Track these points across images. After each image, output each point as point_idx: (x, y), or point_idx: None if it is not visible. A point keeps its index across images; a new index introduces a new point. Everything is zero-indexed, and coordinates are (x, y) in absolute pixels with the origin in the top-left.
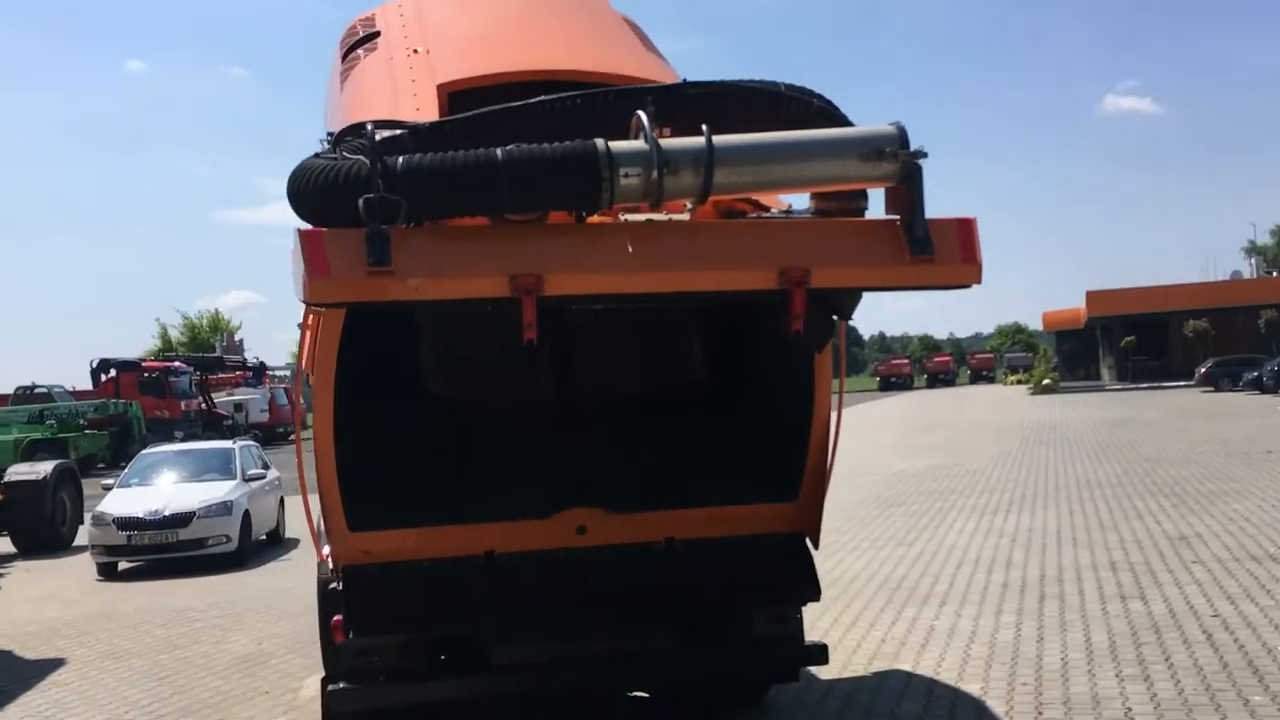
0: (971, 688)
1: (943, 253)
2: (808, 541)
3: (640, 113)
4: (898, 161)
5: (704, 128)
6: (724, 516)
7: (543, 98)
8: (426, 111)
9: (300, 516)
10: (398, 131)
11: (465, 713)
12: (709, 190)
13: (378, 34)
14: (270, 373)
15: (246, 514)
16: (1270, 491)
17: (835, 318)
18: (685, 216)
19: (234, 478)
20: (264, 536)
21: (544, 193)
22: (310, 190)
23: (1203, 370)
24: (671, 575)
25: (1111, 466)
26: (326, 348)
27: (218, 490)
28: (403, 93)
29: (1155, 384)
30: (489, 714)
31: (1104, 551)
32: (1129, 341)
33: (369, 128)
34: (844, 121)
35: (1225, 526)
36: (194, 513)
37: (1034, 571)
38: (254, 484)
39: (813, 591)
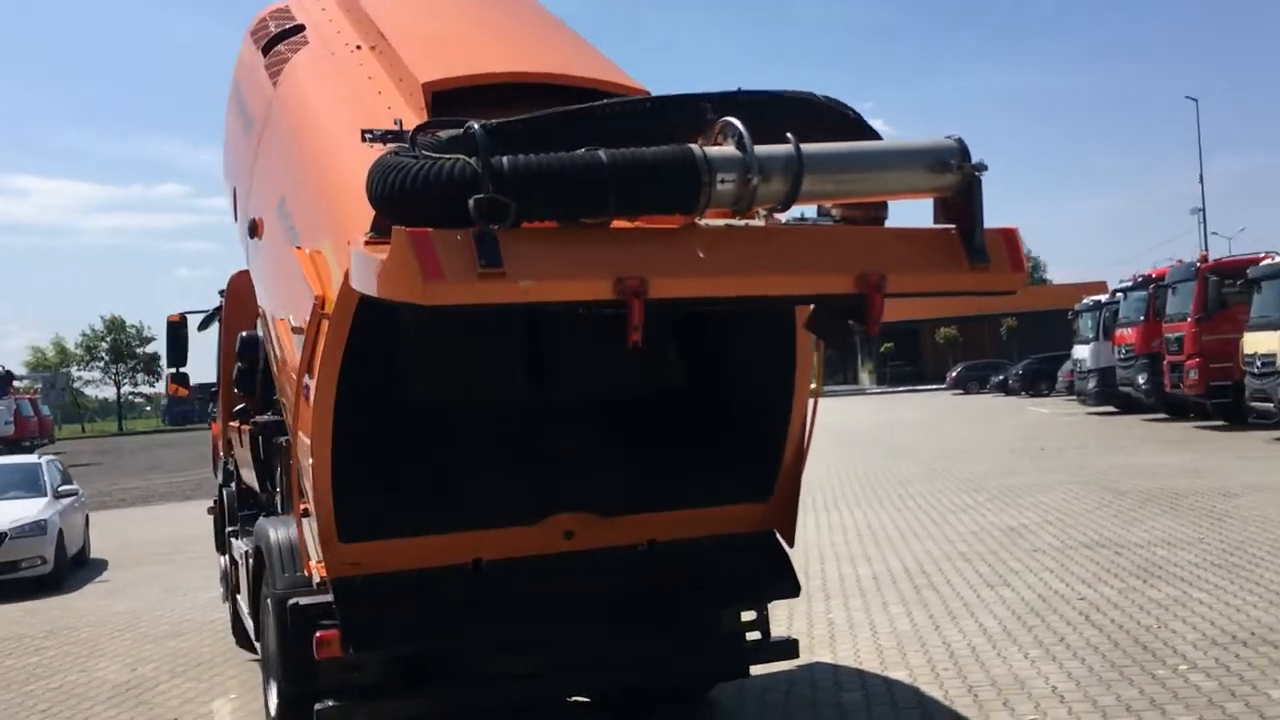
0: (899, 675)
1: (996, 261)
2: (780, 539)
3: (734, 120)
4: (960, 173)
5: (789, 136)
6: (703, 518)
7: (606, 102)
8: (401, 111)
9: (108, 534)
10: (457, 132)
11: None
12: (794, 198)
13: (301, 27)
14: (16, 383)
15: (60, 533)
16: (1065, 486)
17: (851, 322)
18: (760, 223)
19: (44, 494)
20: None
21: (647, 196)
22: (406, 190)
23: (953, 374)
24: (654, 578)
25: (912, 466)
26: (331, 354)
27: (29, 509)
28: (364, 91)
29: (911, 387)
30: None
31: (948, 544)
32: (887, 348)
33: (475, 128)
34: (873, 133)
35: (1044, 518)
36: (4, 533)
37: (895, 564)
38: (64, 501)
39: (792, 588)
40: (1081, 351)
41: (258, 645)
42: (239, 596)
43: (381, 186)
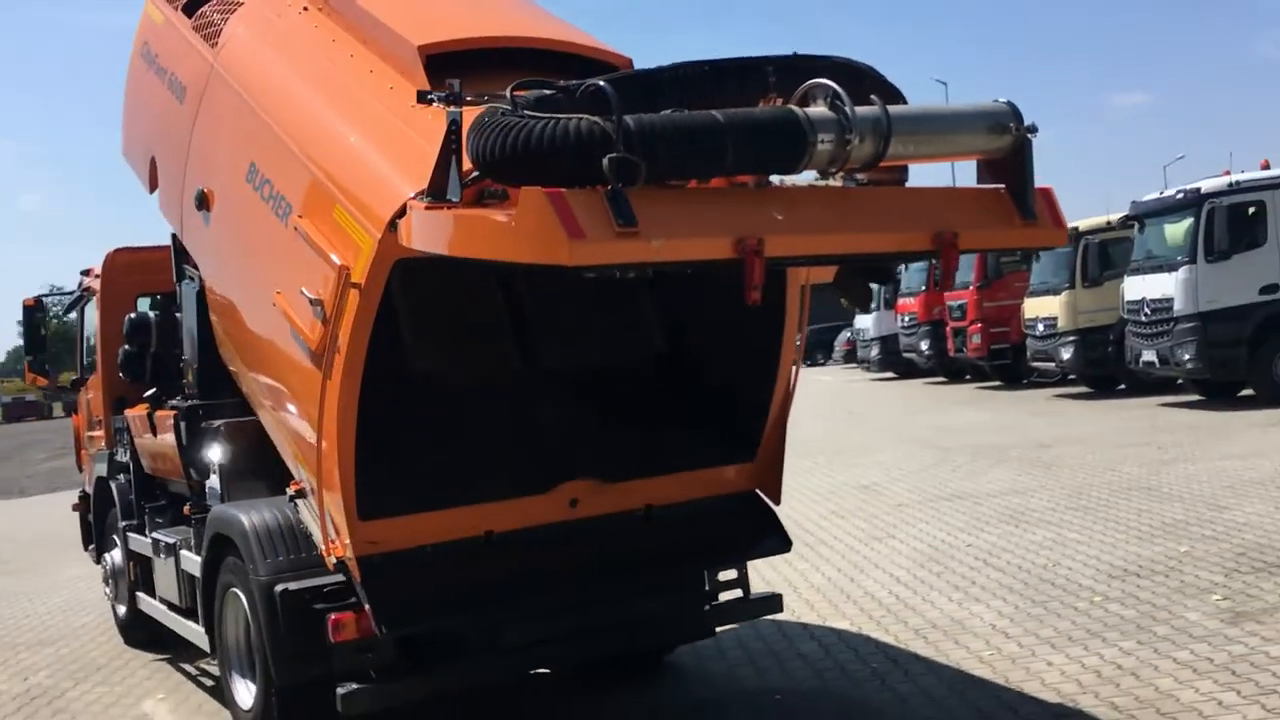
0: (841, 625)
1: (1043, 218)
2: (765, 498)
3: (829, 82)
4: (1015, 135)
5: (874, 99)
6: (694, 480)
7: (674, 64)
8: (385, 73)
9: None
10: (547, 92)
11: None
12: (880, 158)
13: None
14: None
15: None
16: (893, 445)
17: (872, 284)
18: (838, 184)
19: None
20: None
21: (759, 156)
22: (532, 149)
23: None
24: (654, 542)
25: None
26: (361, 324)
27: None
28: (334, 53)
29: None
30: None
31: (815, 503)
32: None
33: (605, 86)
34: (904, 98)
35: (889, 475)
36: None
37: None
38: None
39: (783, 543)
40: (864, 321)
41: (195, 638)
42: (141, 594)
43: (501, 146)
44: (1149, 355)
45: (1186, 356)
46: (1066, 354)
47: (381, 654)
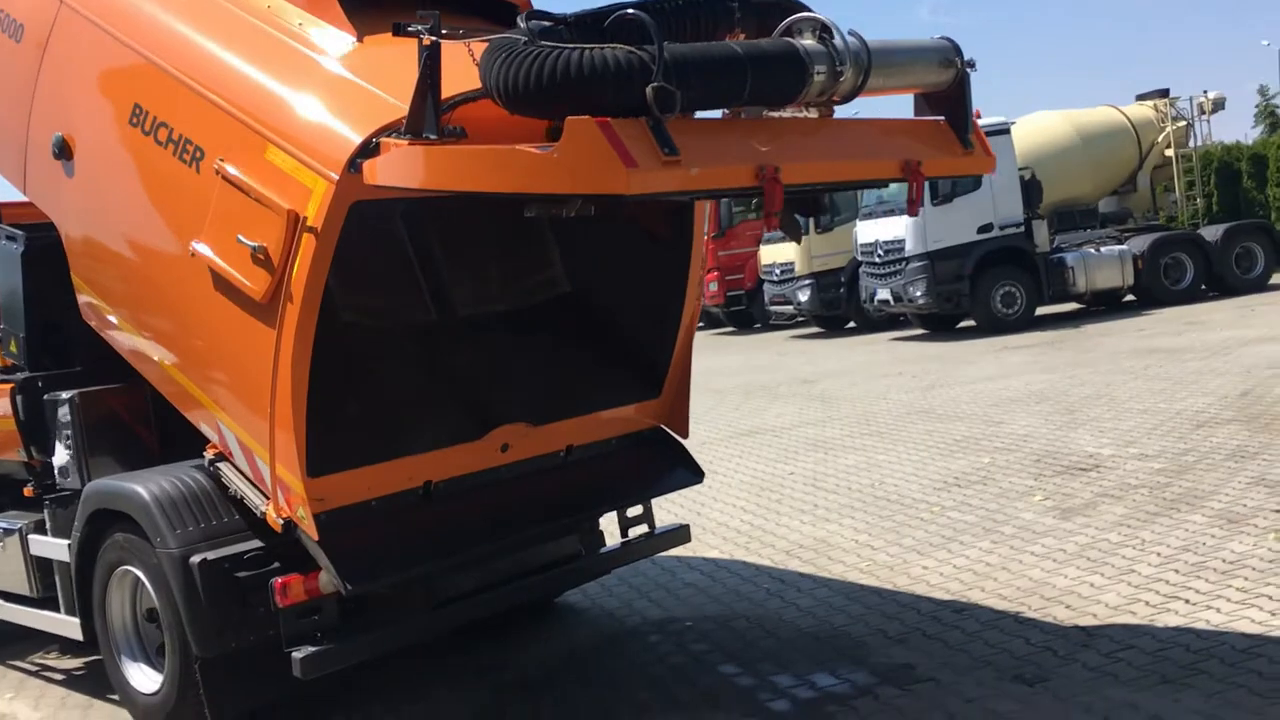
0: (711, 554)
1: (976, 148)
2: (673, 433)
3: (818, 15)
4: (957, 69)
5: (855, 31)
6: (607, 419)
7: None
8: (281, 7)
9: None
10: (547, 23)
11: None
12: (860, 90)
13: None
14: None
15: None
16: None
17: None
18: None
19: None
20: None
21: (769, 87)
22: (571, 79)
23: None
24: (575, 481)
25: None
26: (316, 273)
27: None
28: None
29: None
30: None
31: None
32: None
33: (644, 15)
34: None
35: None
36: None
37: None
38: None
39: (695, 475)
40: None
41: (55, 628)
42: None
43: (536, 76)
44: (883, 294)
45: (918, 293)
46: (803, 296)
47: (327, 616)
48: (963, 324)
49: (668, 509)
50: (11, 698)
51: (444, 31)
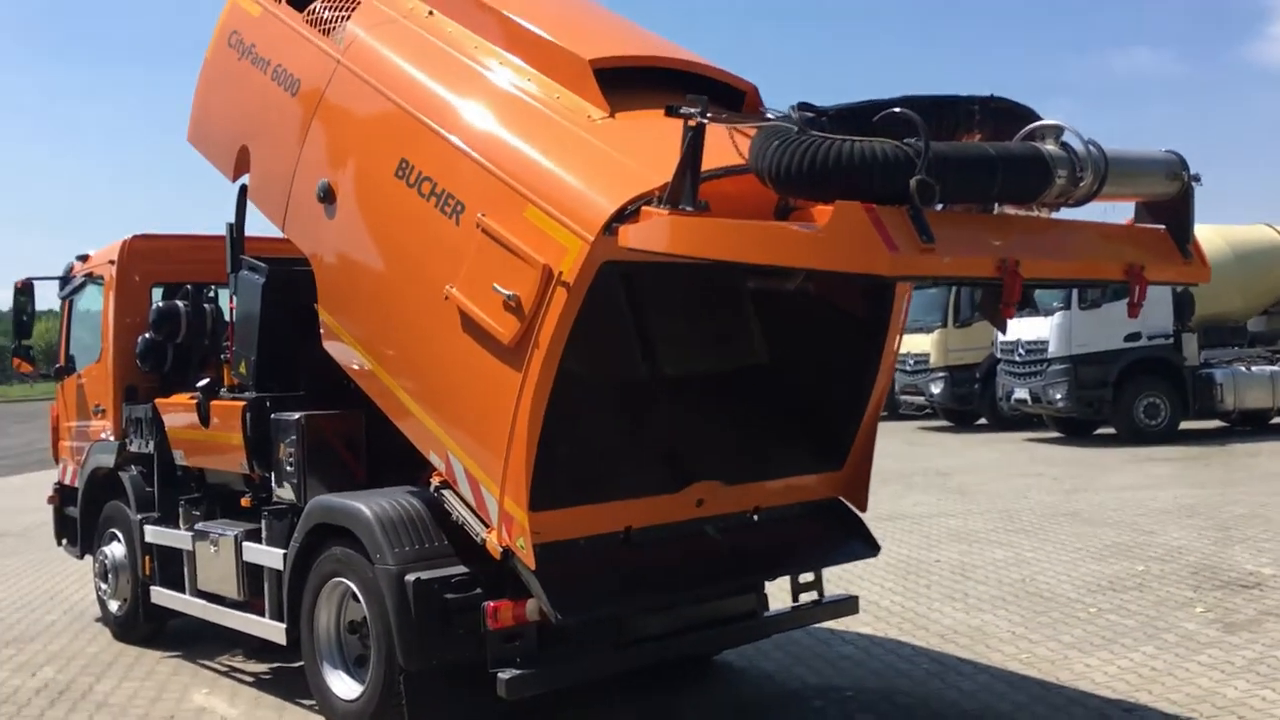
0: (864, 630)
1: (1195, 257)
2: (851, 505)
3: (1062, 123)
4: (1183, 182)
5: (1093, 140)
6: (794, 485)
7: (904, 97)
8: (544, 84)
9: None
10: (810, 114)
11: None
12: (1095, 195)
13: None
14: None
15: None
16: None
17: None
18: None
19: None
20: None
21: (1016, 187)
22: (841, 167)
23: None
24: (761, 542)
25: None
26: (563, 324)
27: None
28: (479, 58)
29: None
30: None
31: None
32: None
33: (914, 115)
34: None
35: None
36: None
37: None
38: None
39: (870, 548)
40: None
41: (258, 631)
42: (159, 589)
43: (809, 162)
44: (1021, 393)
45: (1058, 395)
46: (936, 389)
47: (528, 643)
48: (1100, 431)
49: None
50: (207, 693)
51: (710, 116)
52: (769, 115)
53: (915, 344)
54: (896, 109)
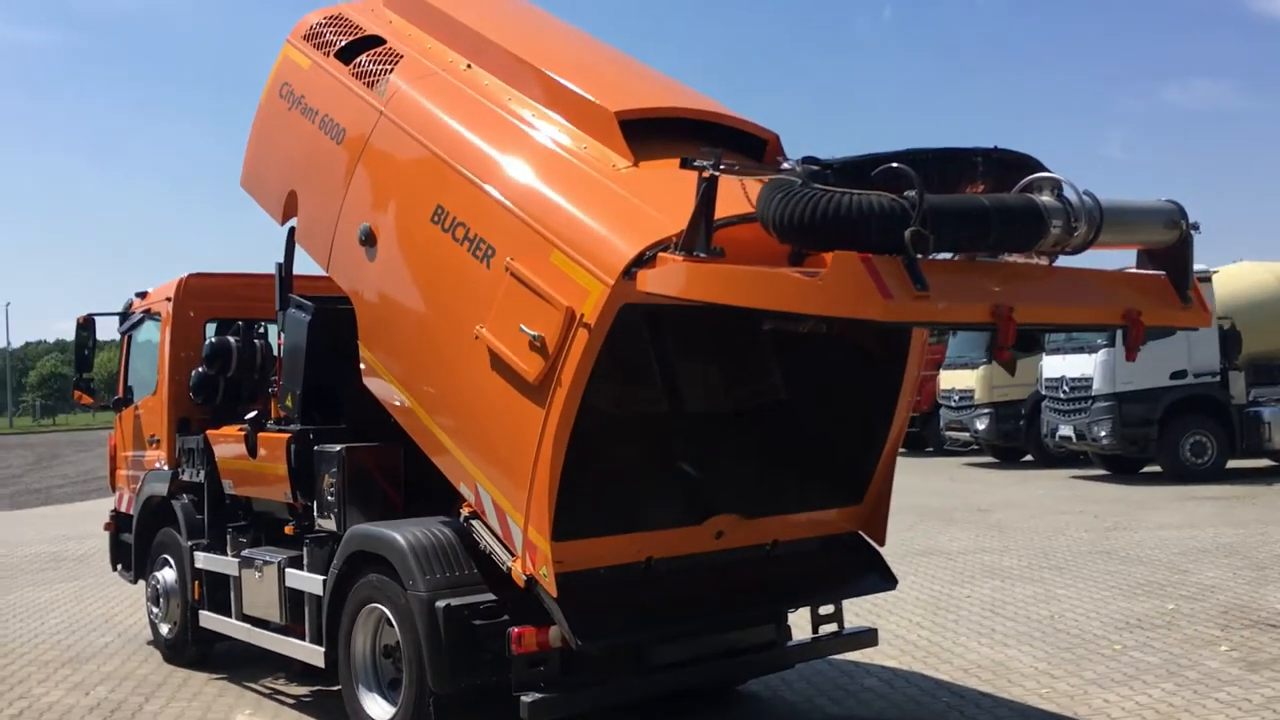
0: (888, 663)
1: (1194, 303)
2: (869, 539)
3: (1056, 175)
4: (1181, 230)
5: (1089, 191)
6: (812, 520)
7: (909, 150)
8: (574, 135)
9: None
10: (815, 167)
11: None
12: (1090, 244)
13: (379, 39)
14: None
15: None
16: None
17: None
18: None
19: None
20: None
21: (1011, 237)
22: (840, 218)
23: None
24: (777, 574)
25: None
26: (585, 363)
27: None
28: (512, 109)
29: None
30: None
31: None
32: None
33: (909, 169)
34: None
35: None
36: None
37: None
38: None
39: (888, 581)
40: None
41: (298, 654)
42: (206, 612)
43: (811, 213)
44: (1065, 430)
45: (1103, 433)
46: (981, 425)
47: (550, 668)
48: (1147, 469)
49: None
50: (250, 714)
51: (723, 168)
52: (784, 164)
53: (960, 380)
54: (894, 164)
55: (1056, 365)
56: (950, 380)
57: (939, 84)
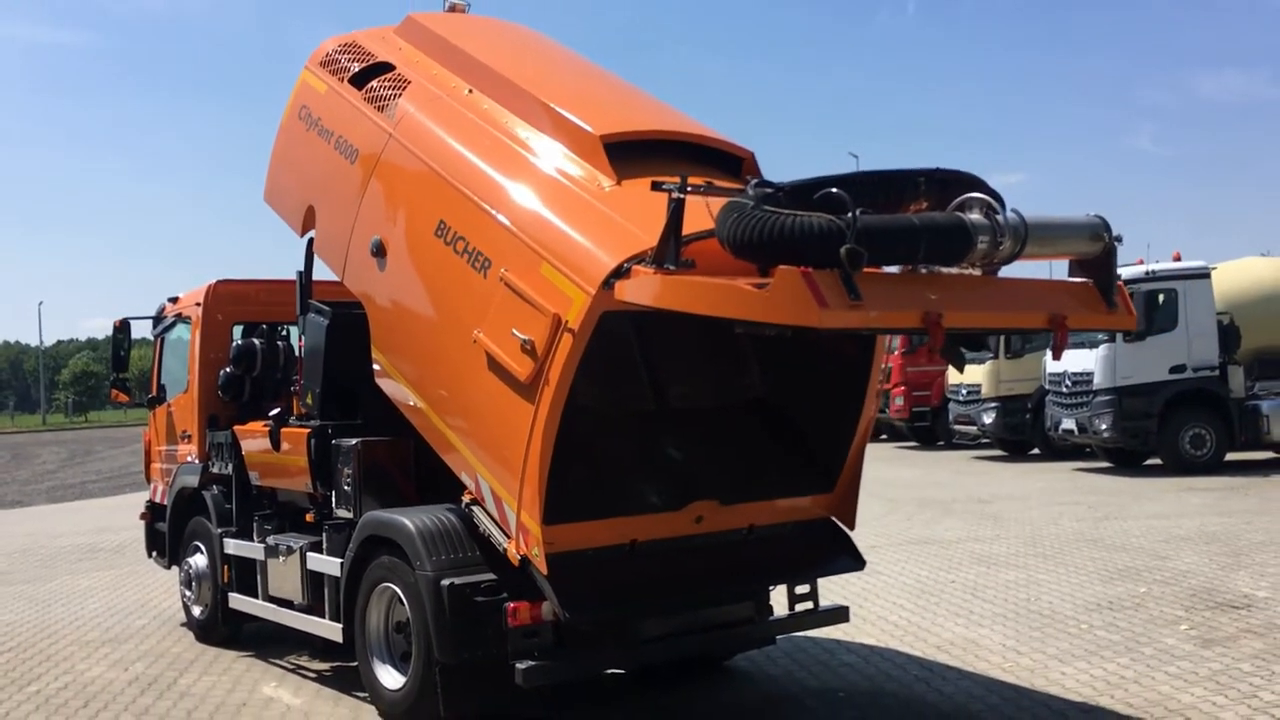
0: (868, 641)
1: (1120, 307)
2: (840, 524)
3: (984, 195)
4: (1105, 242)
5: (1016, 209)
6: (786, 506)
7: (857, 172)
8: (557, 156)
9: None
10: (768, 190)
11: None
12: (1016, 258)
13: (389, 65)
14: None
15: None
16: None
17: (963, 350)
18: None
19: None
20: None
21: (939, 251)
22: (784, 236)
23: None
24: (754, 556)
25: None
26: (570, 362)
27: None
28: (513, 127)
29: None
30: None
31: None
32: None
33: (844, 194)
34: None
35: None
36: None
37: None
38: None
39: (857, 563)
40: None
41: (319, 630)
42: (235, 594)
43: (759, 233)
44: (1068, 423)
45: (1103, 426)
46: (988, 418)
47: (544, 639)
48: (1150, 461)
49: (830, 598)
50: (276, 685)
51: (689, 189)
52: (751, 183)
53: (967, 375)
54: (833, 189)
55: (1058, 360)
56: (958, 375)
57: (959, 75)
